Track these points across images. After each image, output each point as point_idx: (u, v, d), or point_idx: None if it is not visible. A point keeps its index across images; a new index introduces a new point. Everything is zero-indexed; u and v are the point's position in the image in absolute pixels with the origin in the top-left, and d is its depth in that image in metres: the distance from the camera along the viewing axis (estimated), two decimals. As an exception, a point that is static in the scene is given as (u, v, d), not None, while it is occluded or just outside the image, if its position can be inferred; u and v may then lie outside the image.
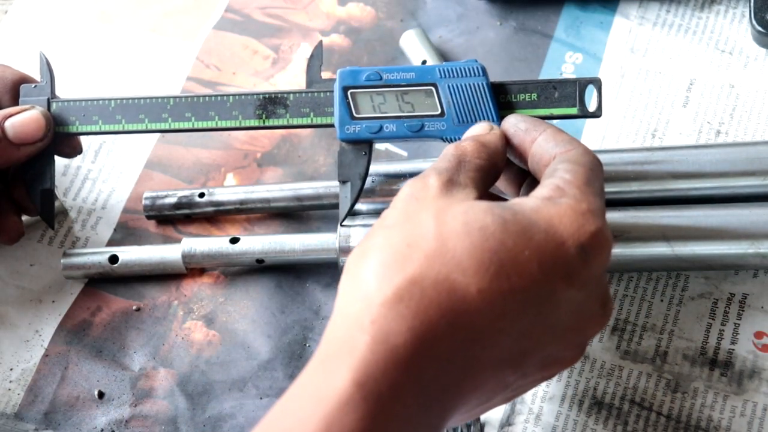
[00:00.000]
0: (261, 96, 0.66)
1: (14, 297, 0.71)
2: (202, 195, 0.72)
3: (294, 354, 0.67)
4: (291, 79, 0.79)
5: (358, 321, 0.47)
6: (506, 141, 0.59)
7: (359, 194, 0.64)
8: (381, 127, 0.63)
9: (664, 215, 0.65)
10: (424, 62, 0.76)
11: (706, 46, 0.75)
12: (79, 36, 0.83)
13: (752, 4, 0.73)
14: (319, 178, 0.74)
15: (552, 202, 0.51)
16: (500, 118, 0.61)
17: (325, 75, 0.66)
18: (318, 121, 0.65)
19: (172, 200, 0.72)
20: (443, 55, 0.77)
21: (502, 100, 0.63)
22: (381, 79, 0.63)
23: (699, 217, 0.64)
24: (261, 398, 0.66)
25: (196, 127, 0.67)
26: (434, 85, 0.63)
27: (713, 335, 0.64)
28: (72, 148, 0.71)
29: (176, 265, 0.70)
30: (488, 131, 0.59)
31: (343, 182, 0.64)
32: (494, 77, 0.63)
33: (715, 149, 0.67)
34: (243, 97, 0.66)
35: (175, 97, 0.67)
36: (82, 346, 0.69)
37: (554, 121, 0.62)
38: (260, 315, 0.69)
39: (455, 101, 0.62)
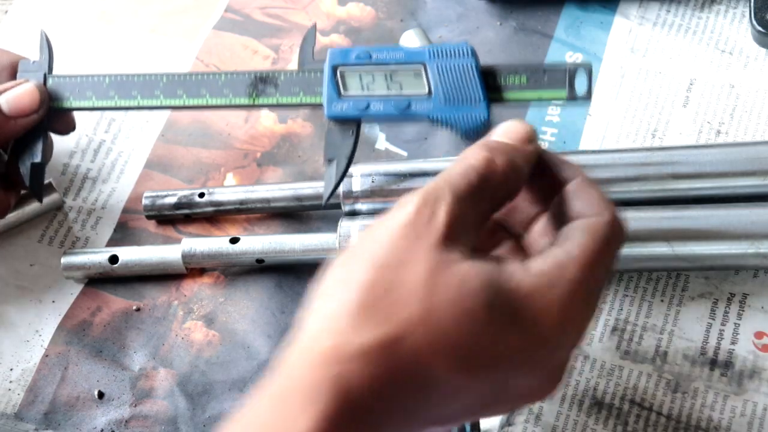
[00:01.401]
0: (252, 75, 0.66)
1: (14, 297, 0.71)
2: (202, 195, 0.72)
3: (294, 354, 0.67)
4: (291, 79, 0.79)
5: (324, 367, 0.44)
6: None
7: (344, 174, 0.64)
8: (368, 105, 0.63)
9: (664, 215, 0.65)
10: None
11: (707, 46, 0.75)
12: (79, 36, 0.83)
13: (752, 4, 0.73)
14: (319, 178, 0.74)
15: (548, 287, 0.47)
16: (489, 100, 0.62)
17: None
18: (307, 100, 0.65)
19: (172, 200, 0.72)
20: (443, 55, 0.77)
21: (491, 82, 0.62)
22: (370, 58, 0.63)
23: (699, 217, 0.64)
24: (261, 398, 0.66)
25: (187, 104, 0.67)
26: (423, 65, 0.63)
27: (713, 335, 0.64)
28: (66, 125, 0.70)
29: (176, 265, 0.70)
30: (525, 140, 0.53)
31: (329, 161, 0.64)
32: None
33: (715, 149, 0.67)
34: (234, 75, 0.66)
35: (167, 75, 0.67)
36: (82, 346, 0.69)
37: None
38: (260, 315, 0.69)
39: (443, 82, 0.62)
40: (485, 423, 0.63)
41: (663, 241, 0.64)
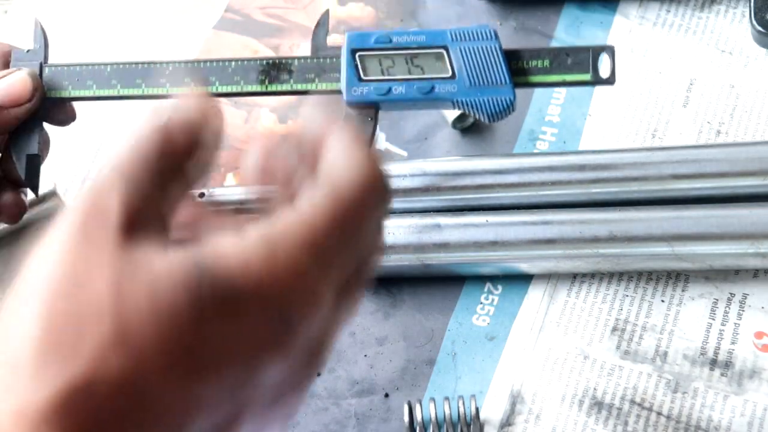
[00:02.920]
0: (264, 61, 0.64)
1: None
2: (202, 195, 0.72)
3: (294, 354, 0.67)
4: (291, 79, 0.79)
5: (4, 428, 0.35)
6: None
7: None
8: (390, 89, 0.61)
9: (665, 215, 0.65)
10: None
11: (707, 46, 0.75)
12: (79, 36, 0.83)
13: (752, 4, 0.73)
14: (319, 178, 0.73)
15: (266, 258, 0.38)
16: (513, 83, 0.60)
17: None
18: (323, 86, 0.63)
19: (172, 200, 0.72)
20: (443, 55, 0.77)
21: (515, 66, 0.61)
22: (390, 42, 0.61)
23: (699, 217, 0.64)
24: (261, 398, 0.65)
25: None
26: (445, 48, 0.61)
27: (713, 335, 0.64)
28: (65, 115, 0.68)
29: (176, 265, 0.70)
30: (199, 106, 0.41)
31: None
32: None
33: (715, 149, 0.67)
34: (245, 62, 0.64)
35: (174, 62, 0.65)
36: (82, 346, 0.69)
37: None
38: (260, 315, 0.69)
39: (467, 64, 0.60)
40: (484, 419, 0.63)
41: (663, 241, 0.64)
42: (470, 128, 0.74)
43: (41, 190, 0.73)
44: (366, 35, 0.62)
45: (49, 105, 0.67)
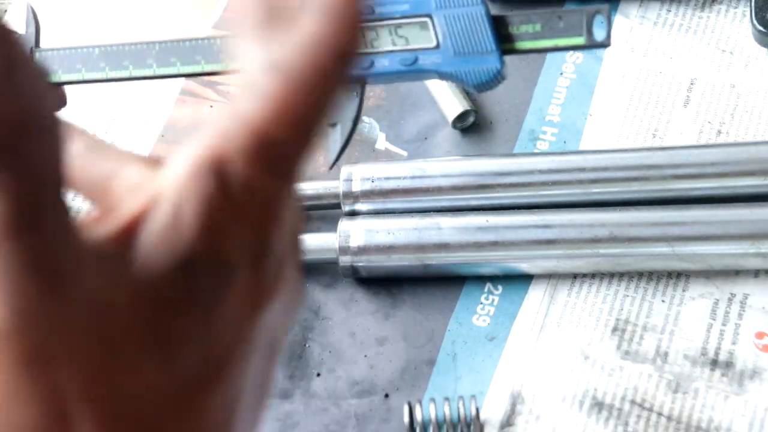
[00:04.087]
0: None
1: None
2: (201, 195, 0.72)
3: (294, 354, 0.67)
4: (291, 78, 0.78)
5: None
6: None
7: (349, 138, 0.60)
8: (372, 62, 0.59)
9: (665, 215, 0.65)
10: (424, 62, 0.75)
11: (707, 46, 0.75)
12: (79, 37, 0.83)
13: (753, 3, 0.73)
14: (319, 178, 0.73)
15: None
16: (501, 51, 0.58)
17: None
18: None
19: (172, 200, 0.72)
20: (443, 55, 0.77)
21: (503, 32, 0.58)
22: (373, 12, 0.59)
23: (700, 217, 0.64)
24: (261, 399, 0.65)
25: (181, 72, 0.63)
26: (429, 16, 0.59)
27: (714, 335, 0.64)
28: (56, 100, 0.68)
29: (176, 266, 0.70)
30: None
31: (332, 125, 0.60)
32: (494, 77, 0.63)
33: (716, 149, 0.67)
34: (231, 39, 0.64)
35: (160, 42, 0.64)
36: (82, 347, 0.69)
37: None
38: (260, 315, 0.69)
39: (451, 33, 0.58)
40: (484, 419, 0.63)
41: (663, 241, 0.64)
42: (470, 128, 0.74)
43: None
44: None
45: None
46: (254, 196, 0.32)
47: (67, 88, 0.75)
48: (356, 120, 0.60)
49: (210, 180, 0.32)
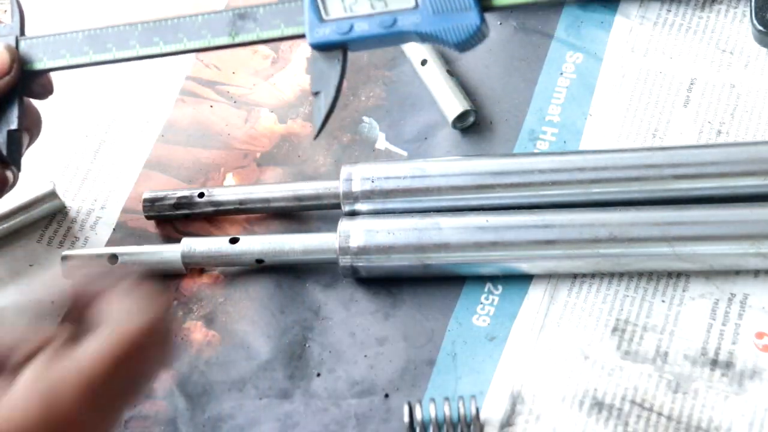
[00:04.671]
0: (231, 12, 0.63)
1: (13, 297, 0.71)
2: (201, 195, 0.72)
3: (294, 354, 0.67)
4: (291, 78, 0.79)
5: None
6: None
7: (333, 106, 0.60)
8: (351, 27, 0.59)
9: (665, 215, 0.65)
10: (424, 61, 0.75)
11: (707, 46, 0.75)
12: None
13: (753, 3, 0.73)
14: (319, 178, 0.73)
15: None
16: (480, 7, 0.58)
17: None
18: (289, 32, 0.61)
19: (172, 200, 0.72)
20: (443, 55, 0.77)
21: None
22: None
23: (700, 217, 0.64)
24: (260, 399, 0.65)
25: (164, 51, 0.64)
26: None
27: (714, 335, 0.64)
28: (42, 87, 0.68)
29: (176, 265, 0.70)
30: None
31: (315, 94, 0.61)
32: (494, 77, 0.63)
33: (716, 149, 0.67)
34: (212, 15, 0.63)
35: (142, 23, 0.64)
36: (82, 347, 0.69)
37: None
38: (260, 315, 0.69)
39: None
40: (484, 419, 0.63)
41: (663, 241, 0.64)
42: (470, 128, 0.74)
43: (40, 191, 0.74)
44: None
45: (27, 78, 0.66)
46: None
47: (67, 87, 0.76)
48: (338, 87, 0.60)
49: None
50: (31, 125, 0.68)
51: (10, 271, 0.73)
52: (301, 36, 0.61)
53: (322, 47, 0.60)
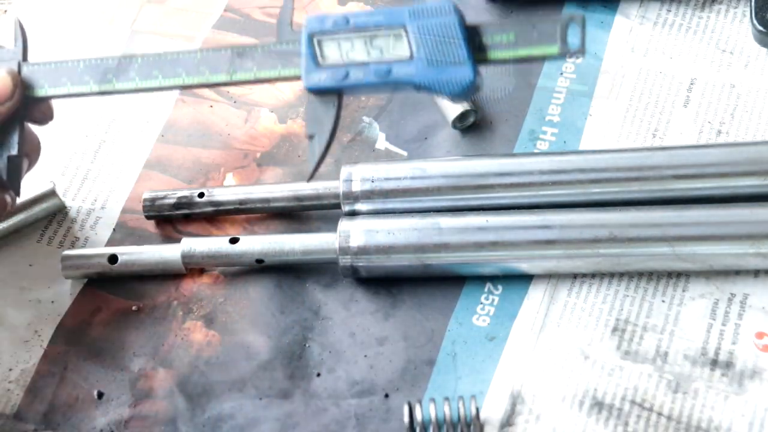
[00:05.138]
0: (229, 50, 0.64)
1: (13, 297, 0.71)
2: (201, 195, 0.72)
3: (294, 354, 0.67)
4: (291, 78, 0.79)
5: None
6: None
7: (327, 148, 0.61)
8: (347, 74, 0.60)
9: (665, 215, 0.65)
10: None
11: (707, 46, 0.75)
12: (79, 37, 0.83)
13: (753, 3, 0.73)
14: (318, 178, 0.73)
15: None
16: (474, 60, 0.58)
17: None
18: (286, 73, 0.62)
19: (172, 200, 0.72)
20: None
21: (477, 42, 0.59)
22: (348, 23, 0.61)
23: (700, 217, 0.64)
24: (260, 399, 0.65)
25: (163, 85, 0.64)
26: (403, 27, 0.60)
27: (714, 335, 0.64)
28: (43, 114, 0.68)
29: (176, 265, 0.70)
30: None
31: (310, 137, 0.62)
32: (494, 77, 0.63)
33: (715, 149, 0.67)
34: (211, 52, 0.64)
35: (142, 56, 0.64)
36: (82, 347, 0.69)
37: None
38: (260, 315, 0.69)
39: (425, 43, 0.59)
40: (484, 419, 0.63)
41: (663, 241, 0.64)
42: (470, 128, 0.74)
43: (40, 190, 0.74)
44: (324, 18, 0.61)
45: (28, 104, 0.66)
46: None
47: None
48: (333, 130, 0.61)
49: None
50: (30, 151, 0.68)
51: (9, 270, 0.73)
52: (297, 78, 0.62)
53: (318, 92, 0.61)
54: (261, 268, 0.70)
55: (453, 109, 0.73)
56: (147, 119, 0.78)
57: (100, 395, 0.66)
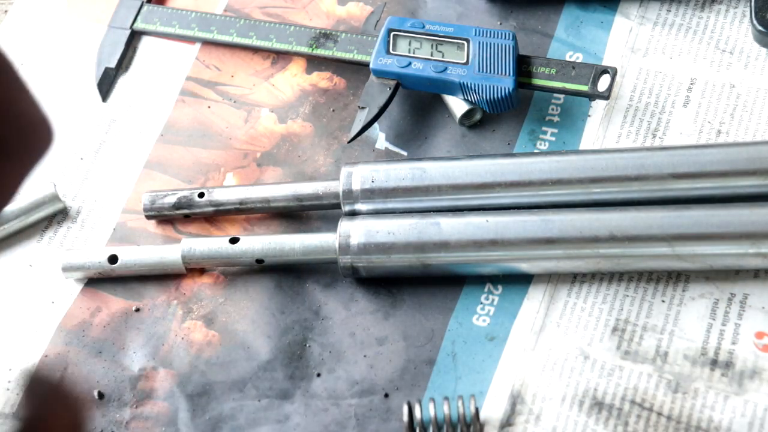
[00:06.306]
0: (317, 30, 0.76)
1: (13, 297, 0.71)
2: (201, 195, 0.72)
3: (294, 354, 0.67)
4: (290, 78, 0.79)
5: None
6: None
7: (373, 121, 0.72)
8: (409, 63, 0.71)
9: (665, 215, 0.65)
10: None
11: (707, 46, 0.75)
12: (79, 36, 0.83)
13: (753, 3, 0.73)
14: (319, 178, 0.74)
15: None
16: (517, 79, 0.70)
17: None
18: (359, 57, 0.74)
19: (172, 200, 0.72)
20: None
21: (524, 68, 0.71)
22: (423, 27, 0.72)
23: (700, 217, 0.64)
24: (260, 399, 0.65)
25: (254, 45, 0.78)
26: (467, 40, 0.71)
27: (714, 335, 0.64)
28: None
29: (176, 265, 0.70)
30: None
31: (361, 108, 0.73)
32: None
33: (715, 149, 0.67)
34: (302, 28, 0.77)
35: (245, 18, 0.79)
36: (82, 347, 0.69)
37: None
38: (260, 315, 0.69)
39: (481, 54, 0.71)
40: (484, 419, 0.63)
41: (663, 241, 0.64)
42: (471, 128, 0.74)
43: (41, 193, 0.74)
44: (404, 20, 0.73)
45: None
46: None
47: (67, 87, 0.76)
48: (382, 109, 0.73)
49: None
50: (39, 140, 0.67)
51: (10, 270, 0.73)
52: (366, 64, 0.73)
53: (381, 74, 0.73)
54: (261, 268, 0.70)
55: (460, 106, 0.73)
56: (147, 119, 0.78)
57: (101, 396, 0.67)
